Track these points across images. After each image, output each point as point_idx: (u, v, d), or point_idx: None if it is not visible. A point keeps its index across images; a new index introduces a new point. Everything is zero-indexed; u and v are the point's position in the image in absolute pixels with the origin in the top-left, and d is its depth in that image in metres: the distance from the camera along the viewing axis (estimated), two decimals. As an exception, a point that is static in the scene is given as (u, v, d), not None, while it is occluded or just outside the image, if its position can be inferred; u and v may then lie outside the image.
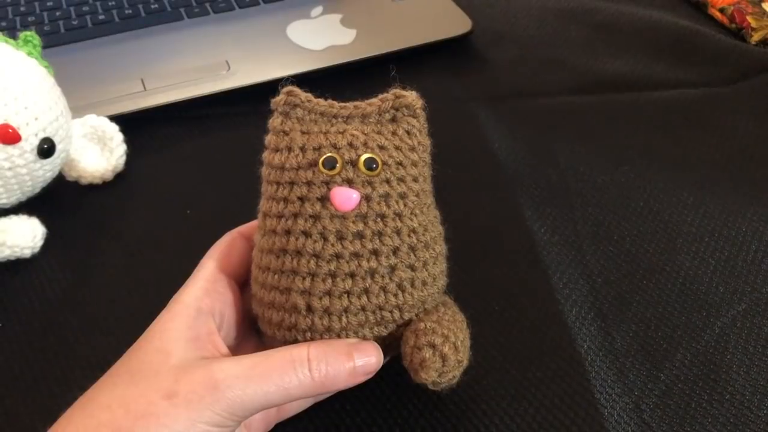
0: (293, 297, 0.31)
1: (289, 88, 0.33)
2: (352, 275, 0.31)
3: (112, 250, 0.45)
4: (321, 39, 0.59)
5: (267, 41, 0.59)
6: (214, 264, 0.34)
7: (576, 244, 0.44)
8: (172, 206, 0.47)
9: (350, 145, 0.31)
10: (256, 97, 0.45)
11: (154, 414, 0.27)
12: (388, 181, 0.31)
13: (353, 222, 0.30)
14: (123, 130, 0.49)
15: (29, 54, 0.44)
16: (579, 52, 0.60)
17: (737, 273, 0.42)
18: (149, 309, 0.32)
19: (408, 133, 0.33)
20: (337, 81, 0.53)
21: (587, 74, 0.58)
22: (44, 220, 0.44)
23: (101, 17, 0.61)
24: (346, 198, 0.30)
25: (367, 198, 0.31)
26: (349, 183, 0.31)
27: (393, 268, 0.31)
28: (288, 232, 0.31)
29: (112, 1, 0.63)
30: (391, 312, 0.31)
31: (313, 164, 0.31)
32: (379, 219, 0.31)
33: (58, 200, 0.47)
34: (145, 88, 0.54)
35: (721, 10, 0.63)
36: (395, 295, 0.31)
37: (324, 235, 0.30)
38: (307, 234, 0.31)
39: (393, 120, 0.33)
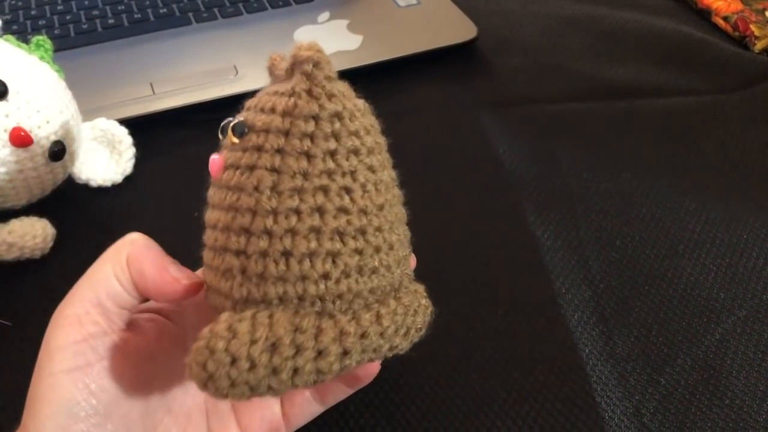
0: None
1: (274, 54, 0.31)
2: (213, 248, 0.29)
3: (121, 252, 0.45)
4: (328, 44, 0.60)
5: (275, 46, 0.59)
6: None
7: (579, 249, 0.44)
8: (180, 209, 0.48)
9: (247, 108, 0.29)
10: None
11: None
12: (258, 149, 0.27)
13: (215, 189, 0.29)
14: (132, 134, 0.49)
15: (41, 58, 0.44)
16: (583, 59, 0.61)
17: (738, 279, 0.43)
18: (158, 310, 0.33)
19: (292, 93, 0.27)
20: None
21: (591, 81, 0.58)
22: (54, 222, 0.45)
23: (111, 21, 0.62)
24: (211, 164, 0.29)
25: (228, 166, 0.28)
26: (225, 150, 0.29)
27: (224, 249, 0.28)
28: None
29: (121, 6, 0.64)
30: (224, 300, 0.27)
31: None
32: (235, 190, 0.27)
33: (68, 202, 0.47)
34: (154, 92, 0.55)
35: (725, 19, 0.63)
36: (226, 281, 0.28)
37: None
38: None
39: (288, 79, 0.28)
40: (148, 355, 0.30)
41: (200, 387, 0.25)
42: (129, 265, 0.28)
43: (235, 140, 0.27)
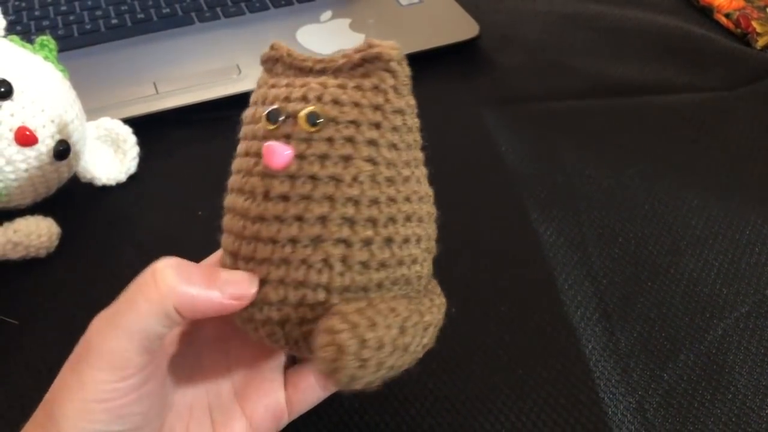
0: (224, 258, 0.29)
1: (274, 41, 0.30)
2: (274, 241, 0.27)
3: (125, 250, 0.46)
4: (330, 43, 0.60)
5: (277, 45, 0.60)
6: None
7: (582, 246, 0.45)
8: (184, 207, 0.48)
9: (303, 98, 0.27)
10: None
11: (67, 386, 0.27)
12: (330, 140, 0.27)
13: (280, 182, 0.27)
14: (136, 133, 0.49)
15: (45, 58, 0.45)
16: (585, 56, 0.61)
17: (741, 276, 0.43)
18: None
19: (376, 88, 0.28)
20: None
21: (593, 78, 0.58)
22: (59, 221, 0.45)
23: (114, 21, 0.62)
24: (276, 154, 0.27)
25: (300, 156, 0.27)
26: (288, 138, 0.27)
27: (318, 240, 0.26)
28: (231, 189, 0.29)
29: (124, 6, 0.64)
30: (314, 291, 0.27)
31: (260, 118, 0.28)
32: (309, 181, 0.27)
33: (72, 201, 0.48)
34: (157, 91, 0.55)
35: (727, 15, 0.64)
36: (319, 272, 0.26)
37: (253, 193, 0.27)
38: (240, 191, 0.28)
39: (365, 75, 0.28)
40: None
41: (345, 381, 0.25)
42: (180, 311, 0.27)
43: (311, 129, 0.27)
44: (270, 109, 0.27)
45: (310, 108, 0.27)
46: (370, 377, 0.26)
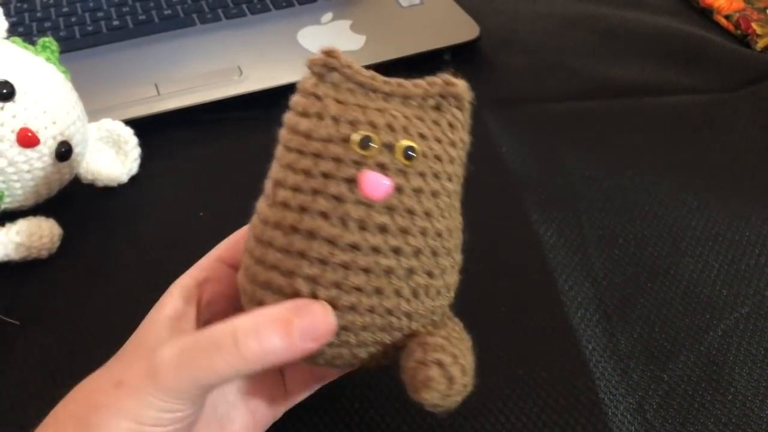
0: (297, 282, 0.27)
1: (331, 47, 0.29)
2: (367, 271, 0.27)
3: (127, 251, 0.46)
4: (331, 45, 0.60)
5: (278, 47, 0.60)
6: (217, 252, 0.33)
7: (582, 247, 0.45)
8: (185, 208, 0.48)
9: (389, 126, 0.28)
10: (268, 102, 0.46)
11: (106, 404, 0.27)
12: (422, 175, 0.28)
13: (379, 213, 0.27)
14: (137, 134, 0.49)
15: (47, 59, 0.45)
16: (585, 57, 0.61)
17: (741, 276, 0.43)
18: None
19: (451, 126, 0.29)
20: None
21: (593, 80, 0.59)
22: (61, 222, 0.45)
23: (115, 23, 0.62)
24: (377, 185, 0.27)
25: (398, 189, 0.27)
26: (382, 168, 0.27)
27: (411, 271, 0.28)
28: (303, 209, 0.27)
29: (126, 7, 0.64)
30: (399, 318, 0.28)
31: (346, 139, 0.27)
32: (407, 214, 0.27)
33: (74, 202, 0.48)
34: (158, 92, 0.55)
35: (727, 17, 0.64)
36: (408, 301, 0.28)
37: (344, 220, 0.27)
38: (325, 216, 0.27)
39: (437, 108, 0.29)
40: None
41: (447, 405, 0.28)
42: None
43: (406, 162, 0.28)
44: (362, 135, 0.27)
45: (408, 142, 0.28)
46: (459, 398, 0.28)
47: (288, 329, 0.26)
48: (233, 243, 0.34)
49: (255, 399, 0.33)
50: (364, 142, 0.27)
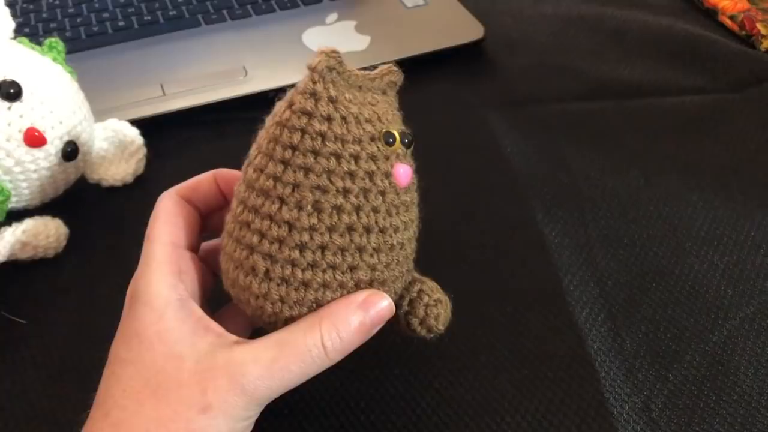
0: (319, 274, 0.30)
1: (332, 48, 0.30)
2: (402, 245, 0.32)
3: (132, 251, 0.45)
4: (336, 45, 0.60)
5: (283, 47, 0.60)
6: (168, 240, 0.34)
7: (587, 247, 0.45)
8: (191, 208, 0.48)
9: (390, 120, 0.31)
10: (273, 103, 0.46)
11: (198, 430, 0.28)
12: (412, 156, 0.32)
13: (404, 194, 0.31)
14: (143, 134, 0.50)
15: (54, 60, 0.45)
16: (590, 58, 0.61)
17: (745, 276, 0.43)
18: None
19: (397, 109, 0.33)
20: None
21: (598, 80, 0.59)
22: (67, 221, 0.45)
23: (121, 24, 0.63)
24: (405, 174, 0.31)
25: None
26: (399, 158, 0.31)
27: (409, 241, 0.32)
28: (358, 209, 0.30)
29: (131, 8, 0.64)
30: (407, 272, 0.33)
31: (375, 138, 0.30)
32: (414, 192, 0.32)
33: (80, 202, 0.48)
34: (164, 92, 0.55)
35: (732, 18, 0.64)
36: (407, 258, 0.33)
37: (390, 211, 0.31)
38: (375, 210, 0.30)
39: (384, 93, 0.32)
40: None
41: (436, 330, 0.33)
42: None
43: (409, 150, 0.32)
44: (386, 131, 0.30)
45: (400, 130, 0.31)
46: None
47: (365, 329, 0.30)
48: (174, 223, 0.35)
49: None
50: (388, 137, 0.30)
